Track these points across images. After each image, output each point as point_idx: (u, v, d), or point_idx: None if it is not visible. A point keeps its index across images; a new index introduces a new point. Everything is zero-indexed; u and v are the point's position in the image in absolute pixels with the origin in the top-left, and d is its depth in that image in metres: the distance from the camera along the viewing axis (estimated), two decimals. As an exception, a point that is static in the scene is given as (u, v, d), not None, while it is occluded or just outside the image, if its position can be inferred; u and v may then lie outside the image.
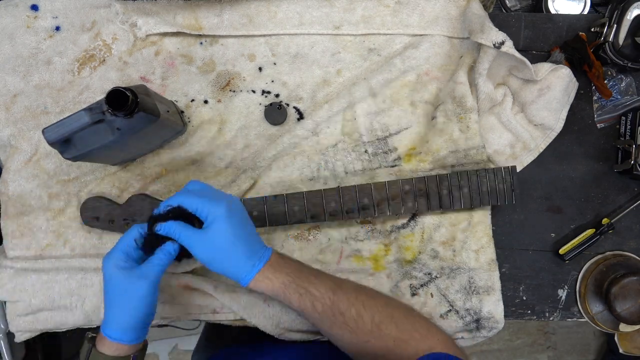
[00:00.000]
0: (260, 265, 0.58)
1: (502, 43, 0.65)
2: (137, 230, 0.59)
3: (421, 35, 0.74)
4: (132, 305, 0.56)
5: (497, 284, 0.73)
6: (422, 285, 0.72)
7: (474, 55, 0.72)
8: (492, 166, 0.73)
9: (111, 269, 0.56)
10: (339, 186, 0.69)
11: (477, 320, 0.72)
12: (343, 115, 0.74)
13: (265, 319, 0.70)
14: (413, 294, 0.72)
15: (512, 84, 0.74)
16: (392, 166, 0.73)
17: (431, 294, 0.72)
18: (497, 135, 0.75)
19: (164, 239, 0.58)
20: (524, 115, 0.74)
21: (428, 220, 0.73)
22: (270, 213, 0.69)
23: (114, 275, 0.56)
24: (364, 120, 0.74)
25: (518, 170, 0.75)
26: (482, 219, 0.73)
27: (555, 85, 0.70)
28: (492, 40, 0.65)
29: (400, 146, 0.74)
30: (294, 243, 0.73)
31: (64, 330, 0.73)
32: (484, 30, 0.66)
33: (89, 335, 0.59)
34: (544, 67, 0.70)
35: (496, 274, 0.73)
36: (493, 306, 0.72)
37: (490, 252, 0.73)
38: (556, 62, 0.73)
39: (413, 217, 0.73)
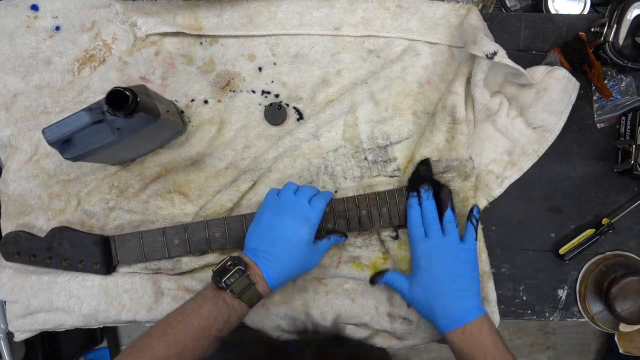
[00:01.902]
0: (468, 320, 0.60)
1: (495, 53, 0.65)
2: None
3: (421, 41, 0.74)
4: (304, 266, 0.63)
5: (492, 295, 0.72)
6: None
7: (471, 65, 0.72)
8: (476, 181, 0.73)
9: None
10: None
11: None
12: (345, 119, 0.74)
13: (264, 321, 0.70)
14: (409, 305, 0.71)
15: (509, 89, 0.73)
16: (391, 176, 0.73)
17: None
18: (493, 144, 0.74)
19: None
20: (523, 119, 0.74)
21: None
22: (192, 241, 0.69)
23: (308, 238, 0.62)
24: (365, 127, 0.73)
25: (518, 177, 0.75)
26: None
27: (552, 87, 0.70)
28: (484, 51, 0.65)
29: (400, 156, 0.73)
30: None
31: (63, 330, 0.73)
32: (476, 42, 0.66)
33: (241, 268, 0.59)
34: (539, 70, 0.70)
35: (490, 285, 0.72)
36: None
37: (482, 264, 0.71)
38: (551, 64, 0.72)
39: (400, 226, 0.72)
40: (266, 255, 0.61)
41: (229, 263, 0.59)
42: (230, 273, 0.58)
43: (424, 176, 0.69)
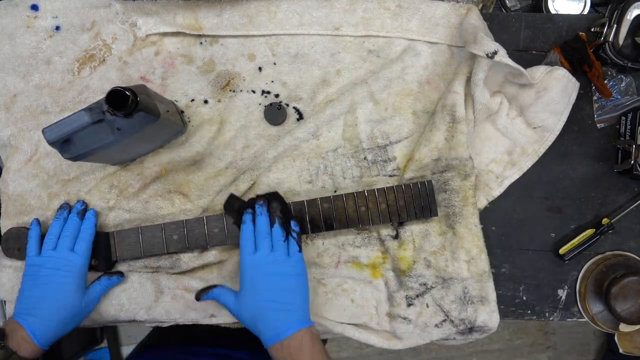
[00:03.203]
0: (288, 334, 0.58)
1: (495, 53, 0.65)
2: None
3: (421, 40, 0.74)
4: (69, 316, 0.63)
5: (492, 295, 0.71)
6: (417, 296, 0.71)
7: (471, 65, 0.72)
8: (476, 180, 0.73)
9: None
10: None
11: (470, 328, 0.71)
12: (344, 119, 0.74)
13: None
14: (409, 304, 0.71)
15: (509, 89, 0.73)
16: (391, 176, 0.73)
17: (427, 304, 0.71)
18: (493, 144, 0.74)
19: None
20: (523, 119, 0.74)
21: (415, 229, 0.72)
22: (190, 237, 0.69)
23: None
24: (365, 127, 0.73)
25: (518, 177, 0.75)
26: (465, 231, 0.71)
27: (552, 87, 0.70)
28: (484, 51, 0.65)
29: (400, 156, 0.73)
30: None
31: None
32: (477, 41, 0.66)
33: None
34: (540, 70, 0.70)
35: (490, 285, 0.71)
36: (487, 316, 0.70)
37: (482, 264, 0.71)
38: (551, 64, 0.72)
39: (401, 224, 0.72)
40: (33, 315, 0.61)
41: None
42: None
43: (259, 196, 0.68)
